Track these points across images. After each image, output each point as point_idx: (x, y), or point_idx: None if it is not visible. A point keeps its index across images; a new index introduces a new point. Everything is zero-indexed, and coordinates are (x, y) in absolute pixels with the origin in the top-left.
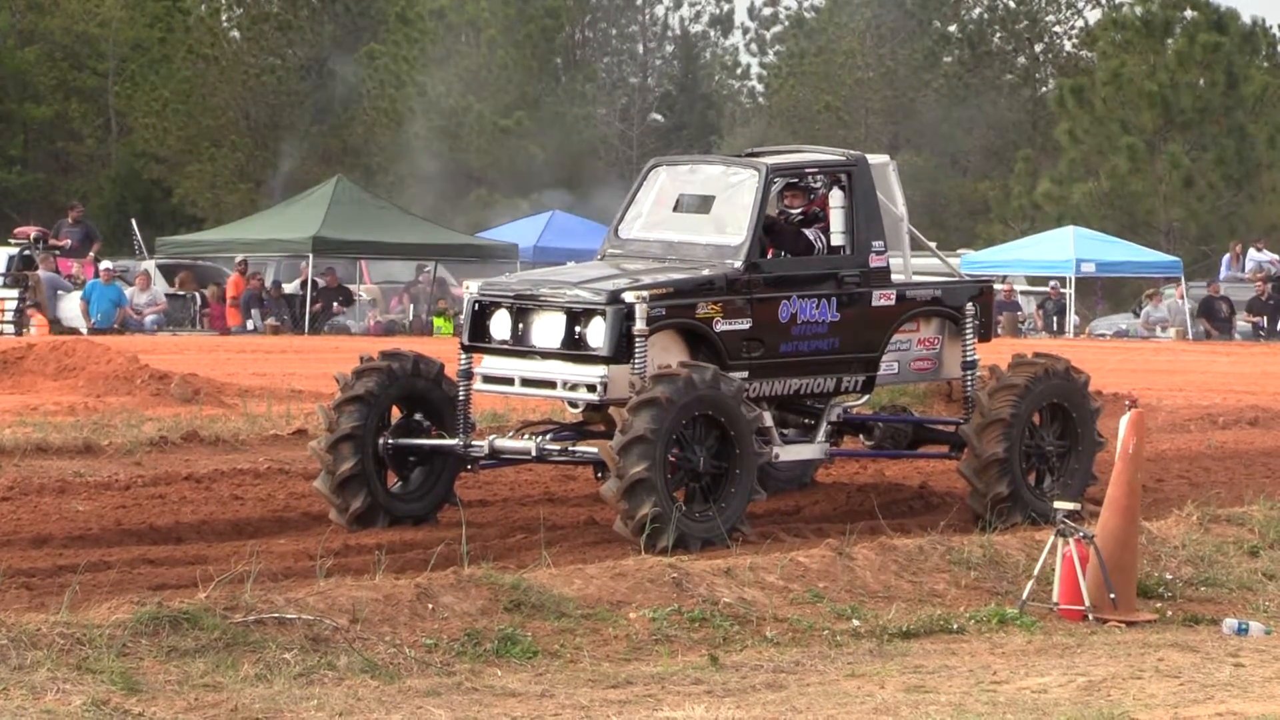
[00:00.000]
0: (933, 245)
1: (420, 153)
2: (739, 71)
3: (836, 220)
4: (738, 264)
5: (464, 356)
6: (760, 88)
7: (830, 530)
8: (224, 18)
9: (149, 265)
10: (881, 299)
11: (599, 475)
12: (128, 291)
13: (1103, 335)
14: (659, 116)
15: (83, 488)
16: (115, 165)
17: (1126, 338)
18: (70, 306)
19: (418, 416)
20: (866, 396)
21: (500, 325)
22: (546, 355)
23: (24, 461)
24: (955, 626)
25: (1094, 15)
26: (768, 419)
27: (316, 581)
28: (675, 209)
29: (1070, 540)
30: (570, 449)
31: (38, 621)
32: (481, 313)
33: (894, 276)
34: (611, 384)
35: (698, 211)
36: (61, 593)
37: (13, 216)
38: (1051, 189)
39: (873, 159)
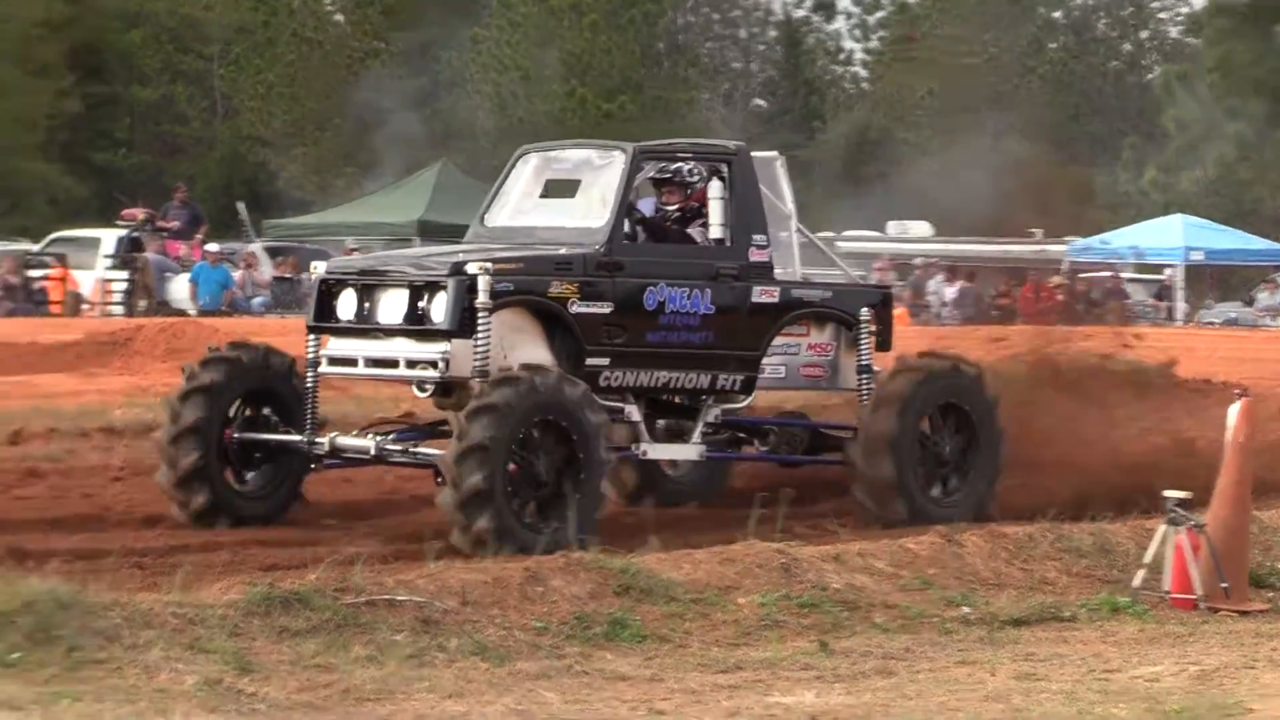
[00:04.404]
0: (826, 249)
1: (523, 137)
2: (841, 57)
3: (715, 211)
4: (599, 245)
5: (311, 342)
6: (864, 73)
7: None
8: (327, 2)
9: (256, 247)
10: (763, 295)
11: (439, 481)
12: (235, 274)
13: (1212, 323)
14: (761, 102)
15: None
16: (221, 148)
17: (1236, 326)
18: (178, 289)
19: (266, 411)
20: (748, 399)
21: (346, 305)
22: (390, 333)
23: (135, 442)
24: (1066, 614)
25: (1200, 1)
26: (635, 414)
27: (426, 564)
28: (543, 195)
29: (1181, 529)
30: (411, 450)
31: (151, 601)
32: (328, 292)
33: (781, 276)
34: (454, 360)
35: (564, 196)
36: (173, 573)
37: (120, 199)
38: (1158, 176)
39: (760, 154)
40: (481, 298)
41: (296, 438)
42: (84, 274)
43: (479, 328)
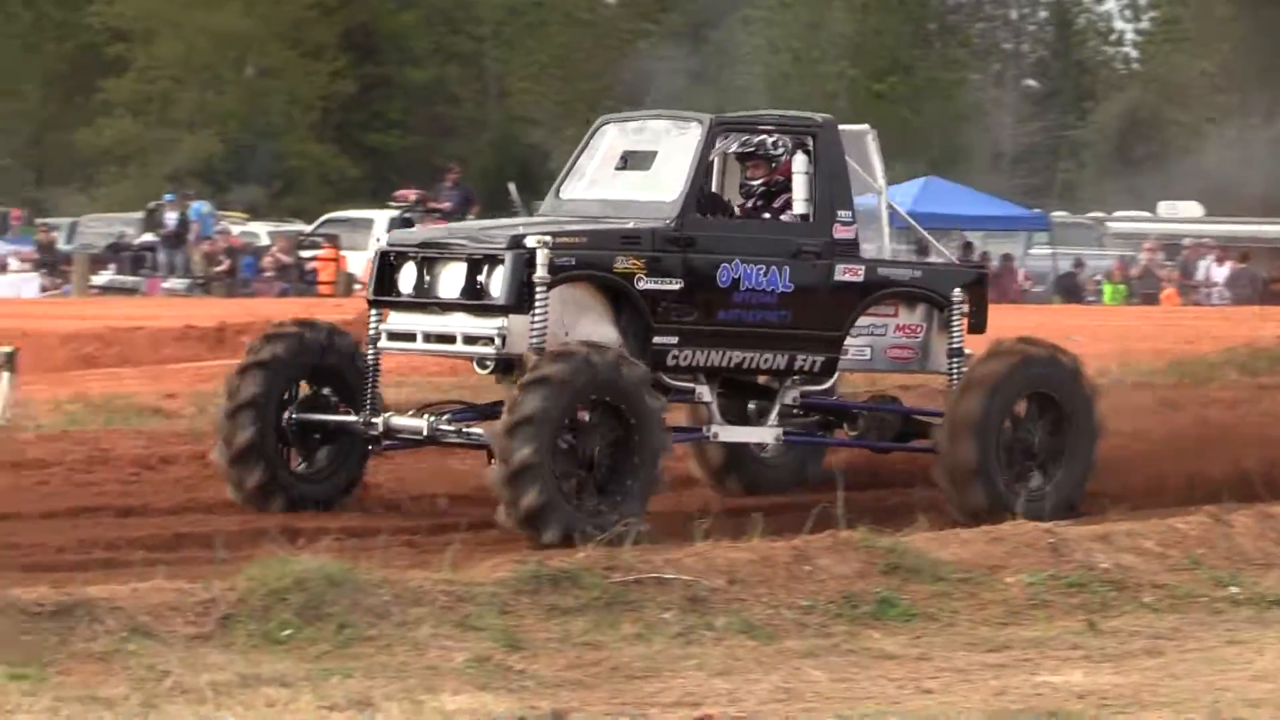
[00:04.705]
0: (916, 225)
1: None
2: (1112, 38)
3: (798, 186)
4: (670, 220)
5: (373, 319)
6: (1134, 54)
7: None
8: None
9: None
10: (846, 273)
11: (491, 461)
12: None
13: None
14: (1033, 83)
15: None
16: (493, 129)
17: None
18: None
19: (326, 391)
20: (830, 381)
21: (406, 278)
22: (448, 308)
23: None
24: None
25: None
26: (707, 395)
27: (694, 543)
28: (620, 167)
29: None
30: (464, 430)
31: (421, 579)
32: (389, 266)
33: (869, 252)
34: (511, 336)
35: (640, 169)
36: (443, 551)
37: (393, 179)
38: None
39: (851, 128)
40: (540, 272)
41: (351, 418)
42: (356, 255)
43: (536, 303)
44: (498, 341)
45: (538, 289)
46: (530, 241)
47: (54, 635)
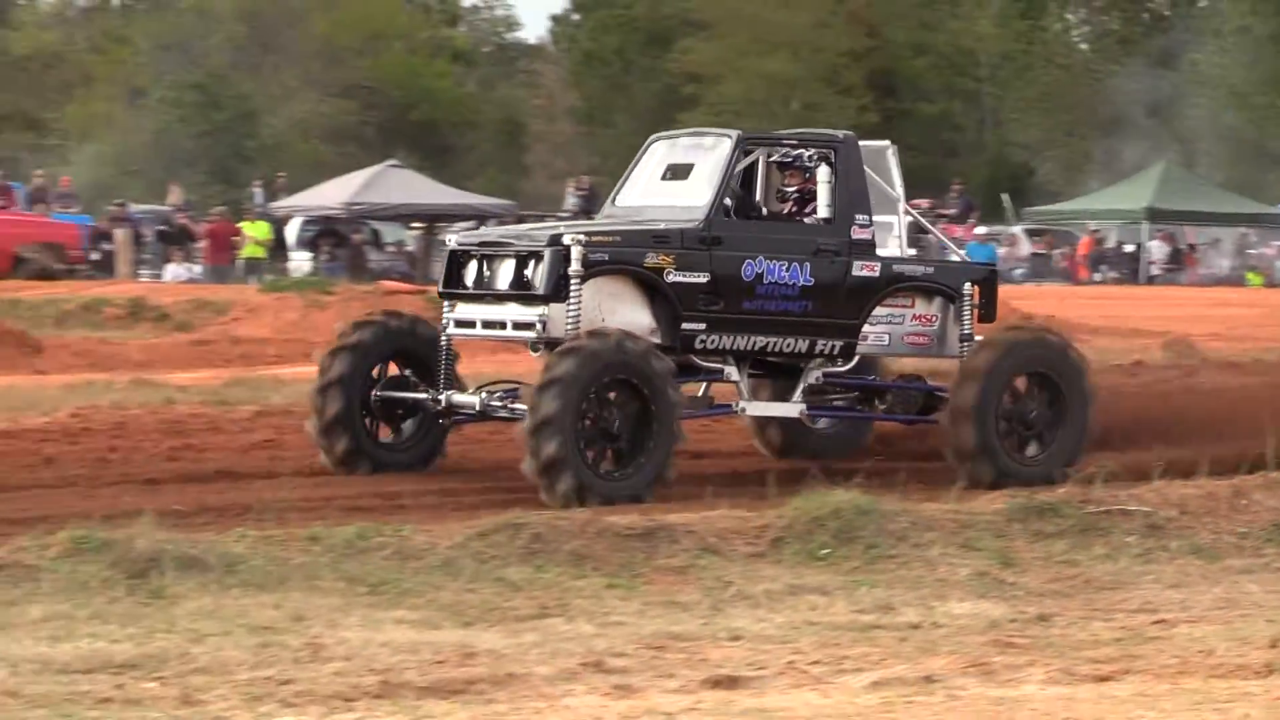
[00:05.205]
0: (935, 230)
1: (1229, 143)
2: None
3: (821, 193)
4: (697, 221)
5: (446, 307)
6: None
7: None
8: (1074, 34)
9: (1017, 230)
10: (863, 270)
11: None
12: (999, 251)
13: None
14: None
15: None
16: (989, 151)
17: None
18: None
19: (408, 372)
20: (849, 363)
21: (470, 273)
22: (500, 298)
23: None
24: None
25: None
26: (735, 374)
27: (1151, 481)
28: (665, 177)
29: None
30: (510, 406)
31: (933, 509)
32: (457, 262)
33: (885, 252)
34: (550, 323)
35: (680, 178)
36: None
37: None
38: None
39: (871, 144)
40: (573, 266)
41: (422, 396)
42: None
43: (571, 293)
44: (539, 327)
45: (572, 281)
46: (566, 239)
47: (641, 553)
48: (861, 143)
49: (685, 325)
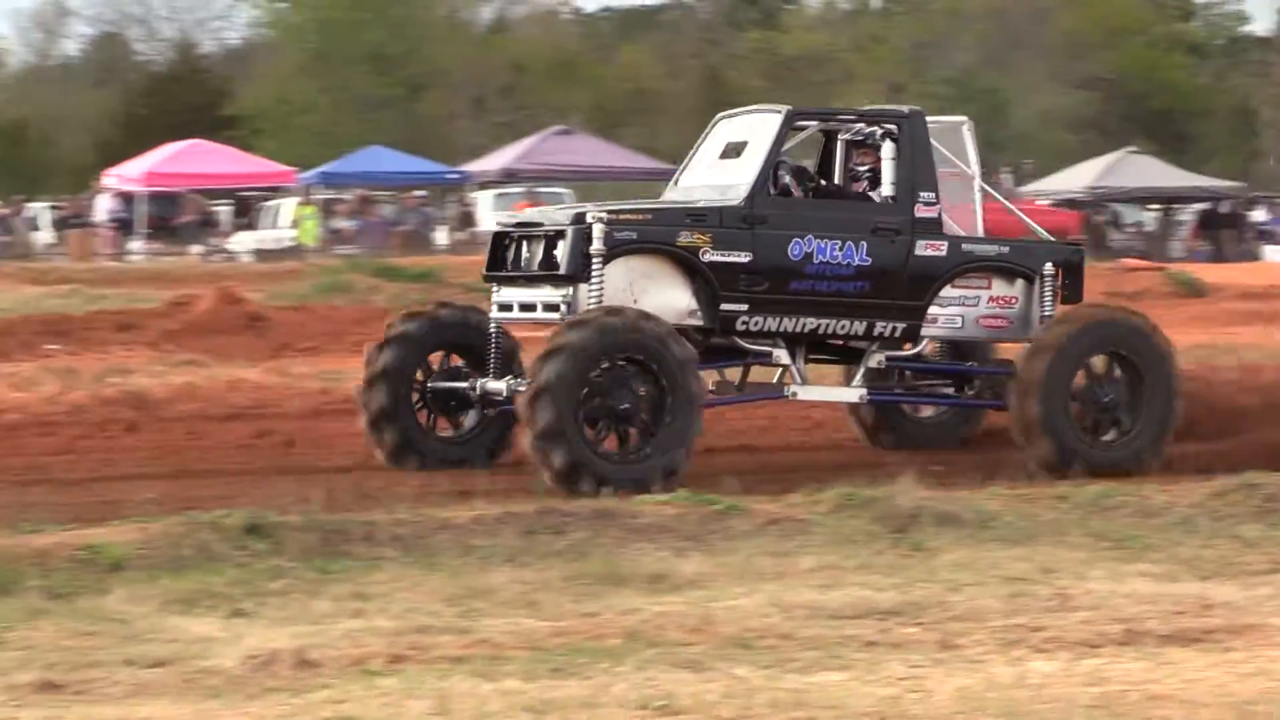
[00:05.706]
0: (1015, 209)
1: None
2: None
3: (886, 171)
4: (738, 198)
5: (495, 292)
6: None
7: None
8: None
9: None
10: (928, 249)
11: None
12: None
13: None
14: None
15: None
16: None
17: None
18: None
19: (462, 363)
20: (916, 347)
21: (511, 255)
22: (533, 280)
23: None
24: None
25: None
26: (784, 357)
27: None
28: (723, 156)
29: None
30: None
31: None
32: (501, 245)
33: (957, 231)
34: (576, 303)
35: (735, 156)
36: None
37: None
38: None
39: (946, 120)
40: (595, 245)
41: (463, 385)
42: None
43: (593, 273)
44: (563, 309)
45: (594, 260)
46: (589, 218)
47: None
48: (934, 119)
49: (725, 306)
